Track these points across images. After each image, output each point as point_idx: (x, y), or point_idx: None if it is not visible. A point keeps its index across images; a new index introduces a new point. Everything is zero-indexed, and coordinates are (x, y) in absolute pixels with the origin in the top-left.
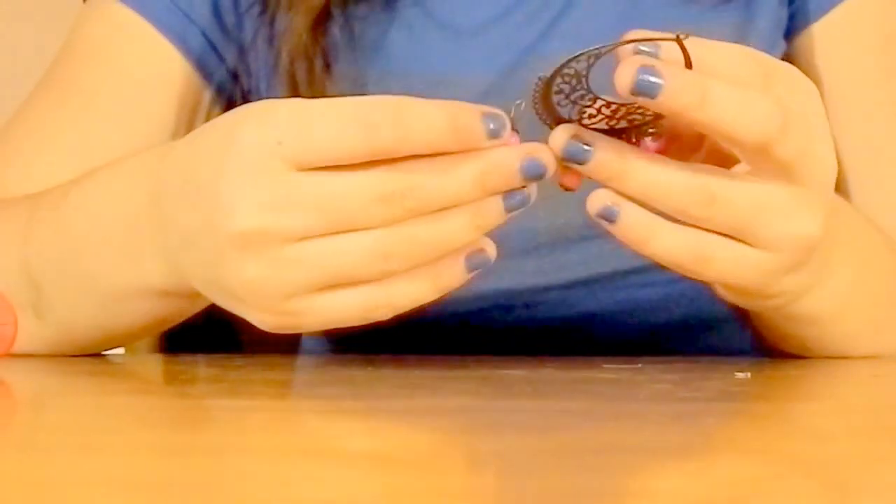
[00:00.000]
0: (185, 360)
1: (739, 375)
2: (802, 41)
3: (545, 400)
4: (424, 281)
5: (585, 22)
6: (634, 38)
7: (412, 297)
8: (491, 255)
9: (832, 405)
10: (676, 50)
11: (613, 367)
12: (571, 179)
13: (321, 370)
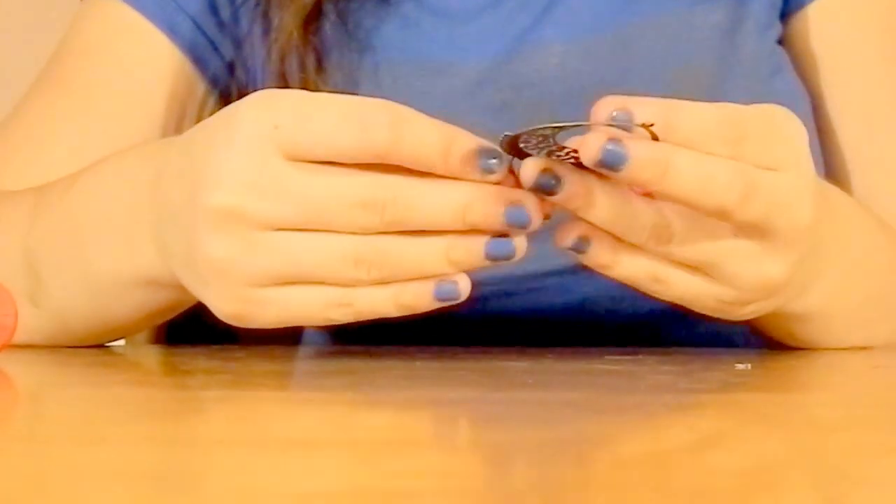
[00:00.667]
0: (185, 351)
1: (740, 367)
2: (798, 22)
3: (546, 391)
4: (388, 295)
5: (579, 8)
6: (605, 107)
7: (373, 307)
8: (462, 291)
9: (832, 396)
10: (651, 104)
11: (614, 358)
12: (543, 207)
13: (321, 361)
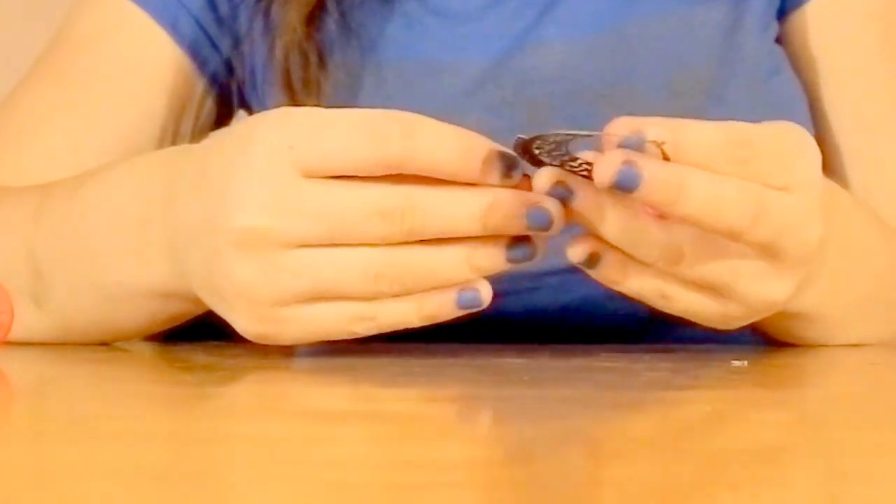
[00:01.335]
0: (182, 347)
1: (736, 364)
2: (795, 21)
3: (543, 388)
4: (411, 306)
5: (580, 7)
6: (618, 128)
7: (397, 318)
8: (484, 298)
9: (828, 393)
10: (661, 124)
11: (610, 355)
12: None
13: (319, 359)
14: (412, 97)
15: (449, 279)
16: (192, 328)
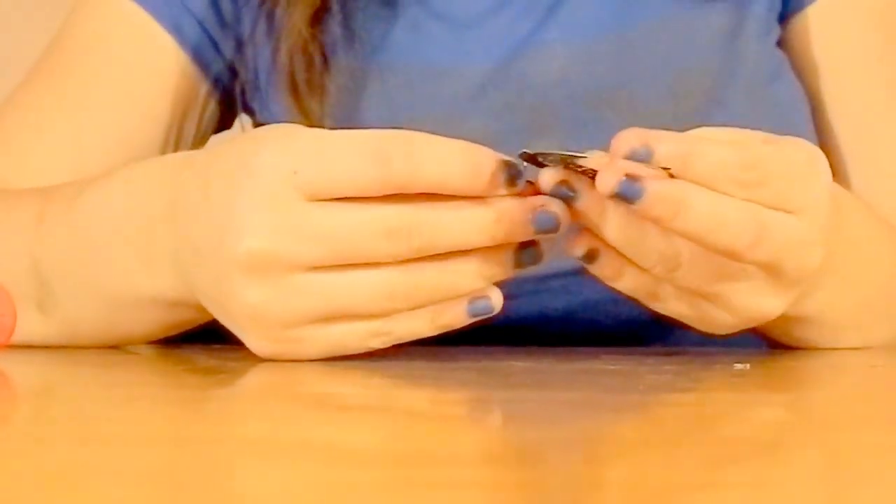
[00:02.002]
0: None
1: (738, 367)
2: (797, 24)
3: (546, 391)
4: (425, 318)
5: (582, 11)
6: (626, 141)
7: (411, 331)
8: (495, 304)
9: (830, 395)
10: (672, 140)
11: (613, 357)
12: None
13: (320, 362)
14: (415, 101)
15: (460, 291)
16: (193, 330)
